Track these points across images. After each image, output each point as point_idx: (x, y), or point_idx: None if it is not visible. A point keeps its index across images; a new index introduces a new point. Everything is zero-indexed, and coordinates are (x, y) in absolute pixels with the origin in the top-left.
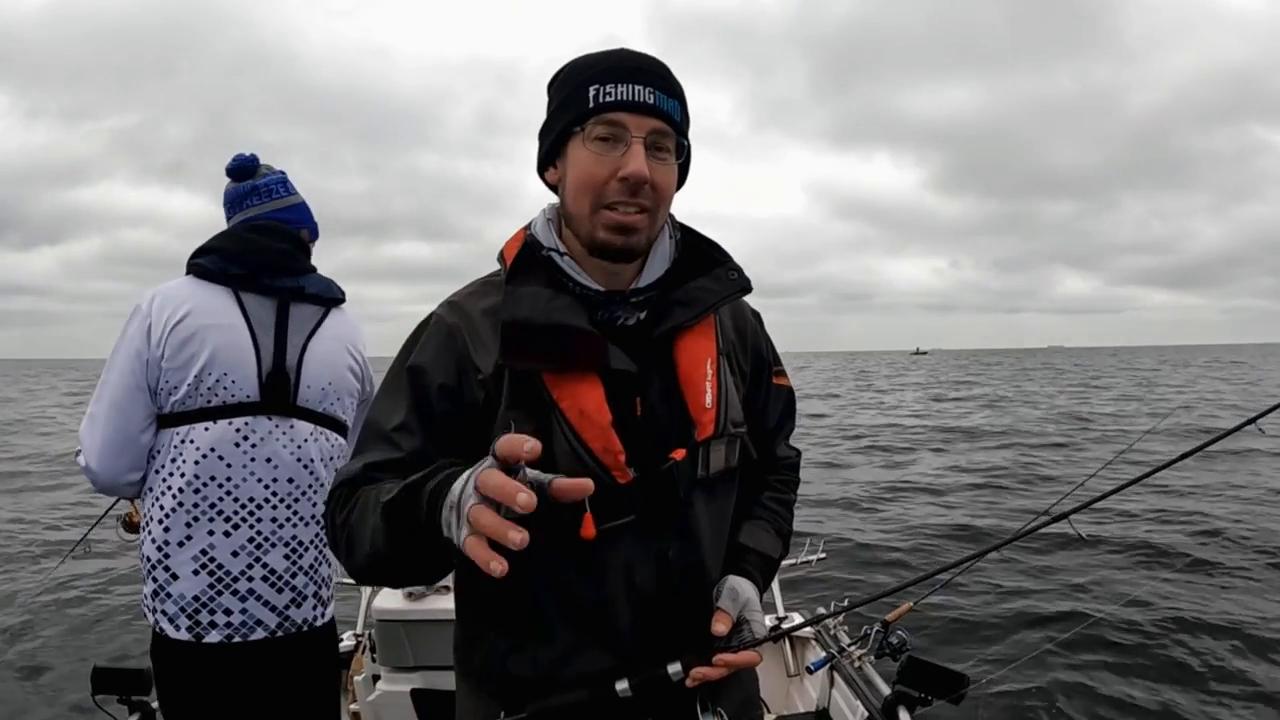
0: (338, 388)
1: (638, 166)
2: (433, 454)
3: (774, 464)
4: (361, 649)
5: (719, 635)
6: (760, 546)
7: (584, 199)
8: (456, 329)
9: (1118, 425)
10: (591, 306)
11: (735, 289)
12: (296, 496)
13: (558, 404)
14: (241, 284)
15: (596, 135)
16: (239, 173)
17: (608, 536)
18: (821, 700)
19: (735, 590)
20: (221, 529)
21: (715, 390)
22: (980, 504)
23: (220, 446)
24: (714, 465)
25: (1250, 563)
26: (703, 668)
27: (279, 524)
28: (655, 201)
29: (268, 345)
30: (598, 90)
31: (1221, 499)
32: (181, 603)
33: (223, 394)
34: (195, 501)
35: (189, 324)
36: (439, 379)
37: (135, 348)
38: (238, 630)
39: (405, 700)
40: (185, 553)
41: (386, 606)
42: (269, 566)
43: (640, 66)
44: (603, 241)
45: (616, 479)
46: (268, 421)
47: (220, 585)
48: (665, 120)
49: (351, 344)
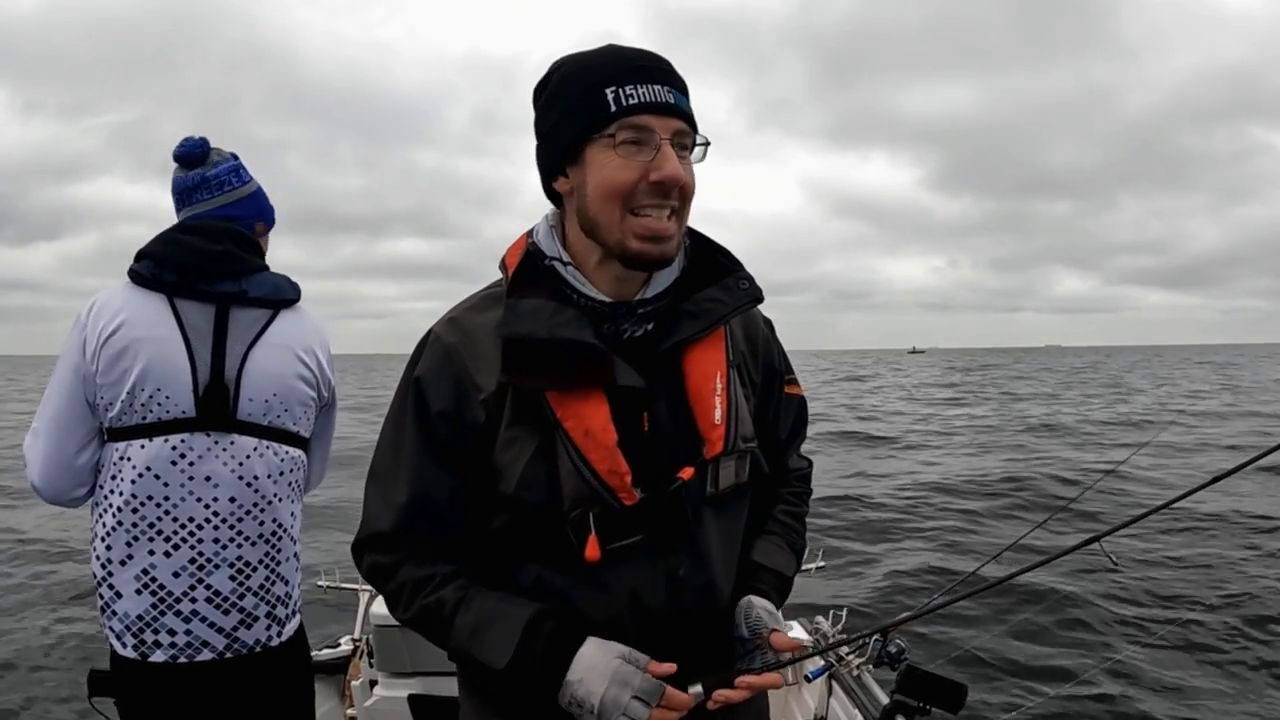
0: (285, 399)
1: (674, 169)
2: (453, 486)
3: (785, 475)
4: (359, 654)
5: (790, 647)
6: (775, 565)
7: (612, 205)
8: (454, 349)
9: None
10: (597, 319)
11: (746, 299)
12: (240, 516)
13: (561, 423)
14: (176, 290)
15: (624, 139)
16: (188, 160)
17: (615, 557)
18: (820, 709)
19: (771, 610)
20: (162, 549)
21: (725, 405)
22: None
23: (156, 465)
24: (723, 482)
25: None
26: (725, 690)
27: (221, 544)
28: (682, 203)
29: (204, 356)
30: (617, 93)
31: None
32: (126, 621)
33: (157, 410)
34: (134, 521)
35: (121, 336)
36: (437, 405)
37: (74, 361)
38: (183, 651)
39: (402, 706)
40: (127, 571)
41: (385, 612)
42: (213, 588)
43: (652, 65)
44: (637, 252)
45: (622, 501)
46: (205, 438)
47: (163, 605)
48: (685, 120)
49: (304, 348)
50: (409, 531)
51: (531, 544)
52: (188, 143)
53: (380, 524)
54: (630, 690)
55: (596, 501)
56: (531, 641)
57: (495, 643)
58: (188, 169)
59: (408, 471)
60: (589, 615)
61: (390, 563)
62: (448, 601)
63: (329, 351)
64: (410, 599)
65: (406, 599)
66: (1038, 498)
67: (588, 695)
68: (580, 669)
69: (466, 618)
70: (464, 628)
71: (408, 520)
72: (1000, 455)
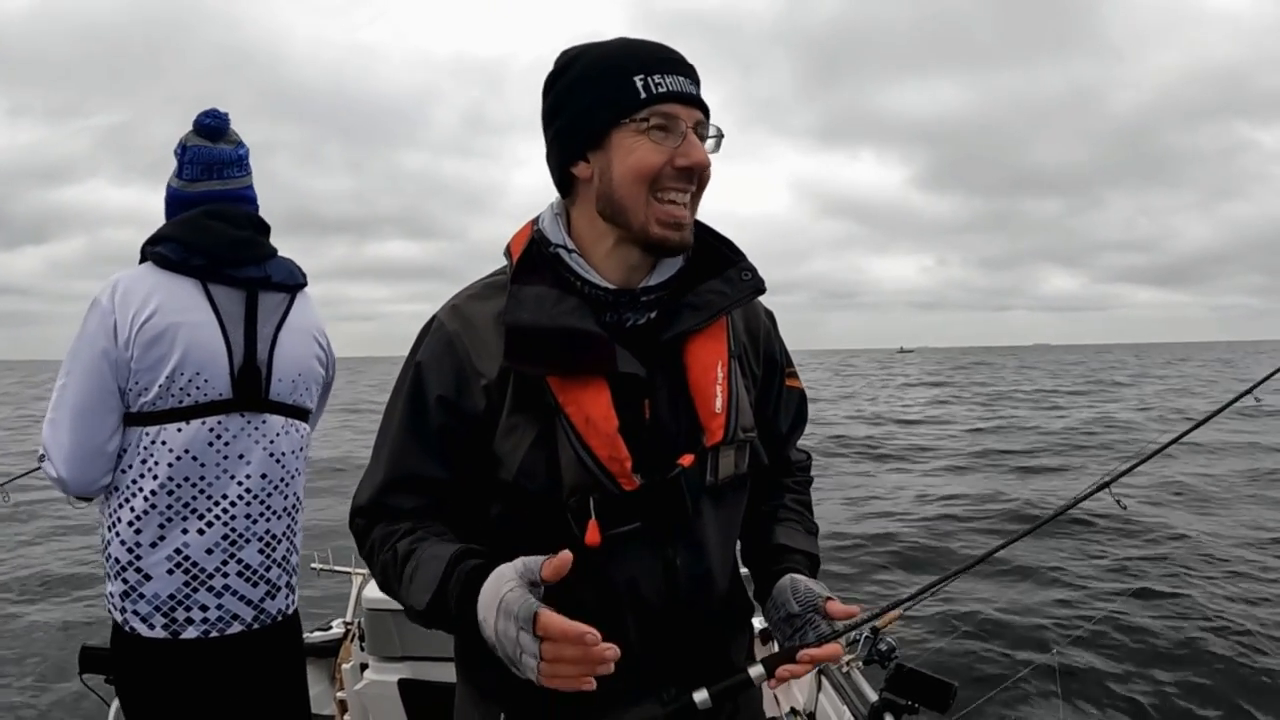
0: (306, 378)
1: (701, 154)
2: (437, 471)
3: (787, 467)
4: (350, 637)
5: (852, 615)
6: (803, 546)
7: (639, 187)
8: (457, 336)
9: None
10: (599, 307)
11: (748, 291)
12: (269, 491)
13: (563, 409)
14: (207, 275)
15: (655, 125)
16: (215, 132)
17: (613, 544)
18: (808, 705)
19: (813, 589)
20: (195, 528)
21: (725, 395)
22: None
23: (194, 447)
24: (723, 471)
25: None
26: (789, 665)
27: (253, 520)
28: (699, 190)
29: (238, 340)
30: (646, 80)
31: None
32: (156, 602)
33: (195, 394)
34: (169, 503)
35: (157, 321)
36: (436, 391)
37: (101, 347)
38: (214, 625)
39: (392, 690)
40: (158, 553)
41: (377, 596)
42: (244, 562)
43: (675, 57)
44: (659, 238)
45: (622, 486)
46: (240, 419)
47: (195, 583)
48: (704, 111)
49: (317, 330)
50: (380, 503)
51: (531, 531)
52: (215, 114)
53: (361, 498)
54: (516, 621)
55: (596, 487)
56: (448, 582)
57: (420, 584)
58: (213, 141)
59: (395, 451)
60: (586, 603)
61: (363, 527)
62: (399, 552)
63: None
64: (376, 558)
65: (374, 559)
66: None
67: (490, 635)
68: (483, 607)
69: (409, 566)
70: (407, 576)
71: (381, 494)
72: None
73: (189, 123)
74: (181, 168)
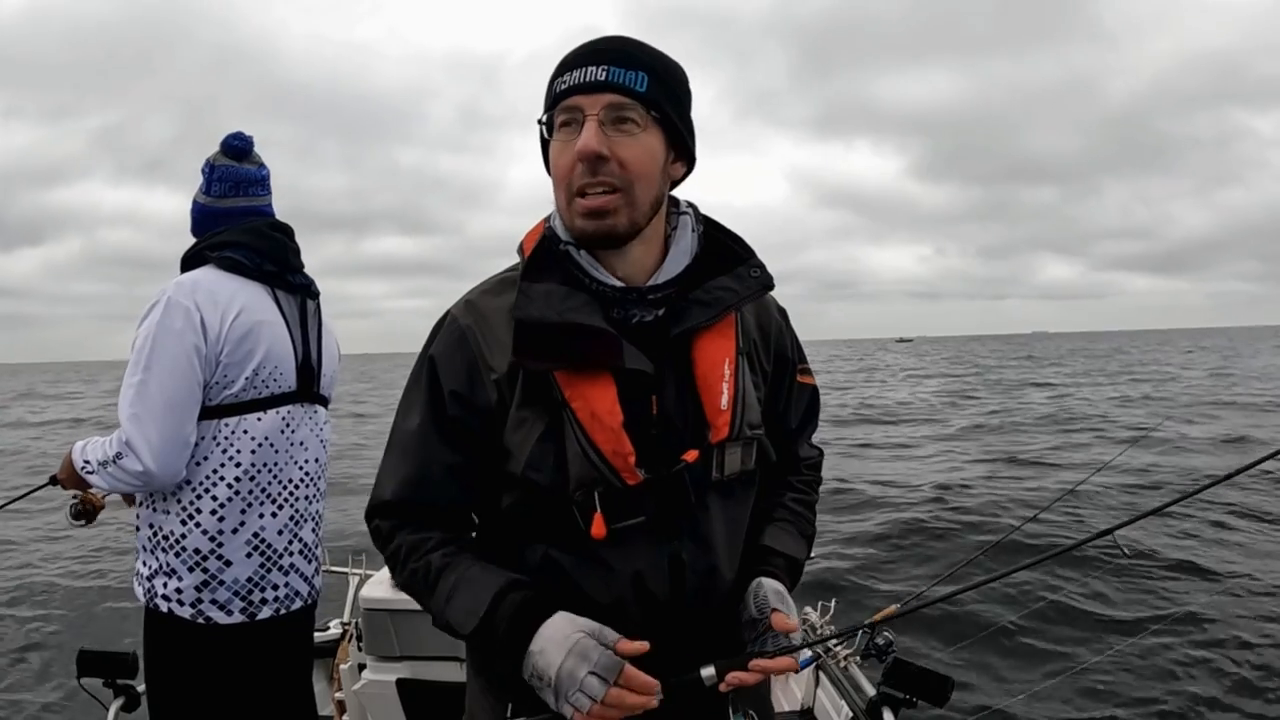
0: (335, 375)
1: (584, 141)
2: (458, 461)
3: (796, 464)
4: (348, 637)
5: (789, 629)
6: (786, 549)
7: (560, 191)
8: (469, 330)
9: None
10: (607, 304)
11: (757, 288)
12: (319, 474)
13: (569, 404)
14: (275, 281)
15: (560, 124)
16: (240, 153)
17: (619, 538)
18: (806, 700)
19: (780, 592)
20: (269, 510)
21: (732, 392)
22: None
23: (271, 435)
24: (729, 468)
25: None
26: (738, 672)
27: (309, 500)
28: (626, 179)
29: (298, 338)
30: (556, 82)
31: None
32: (235, 587)
33: (272, 385)
34: (250, 489)
35: (245, 319)
36: (450, 385)
37: (192, 342)
38: (283, 603)
39: (390, 690)
40: (239, 538)
41: (374, 595)
42: (303, 540)
43: (596, 48)
44: (579, 229)
45: (626, 480)
46: (301, 409)
47: (269, 564)
48: (622, 93)
49: (336, 334)
50: (409, 501)
51: (539, 524)
52: (241, 136)
53: (384, 493)
54: (588, 665)
55: (601, 481)
56: (498, 609)
57: (464, 607)
58: (238, 161)
59: (414, 445)
60: (593, 597)
61: (389, 528)
62: (433, 566)
63: None
64: (404, 563)
65: (400, 563)
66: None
67: (546, 667)
68: (542, 640)
69: (446, 582)
70: (442, 592)
71: (409, 491)
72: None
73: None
74: (209, 185)
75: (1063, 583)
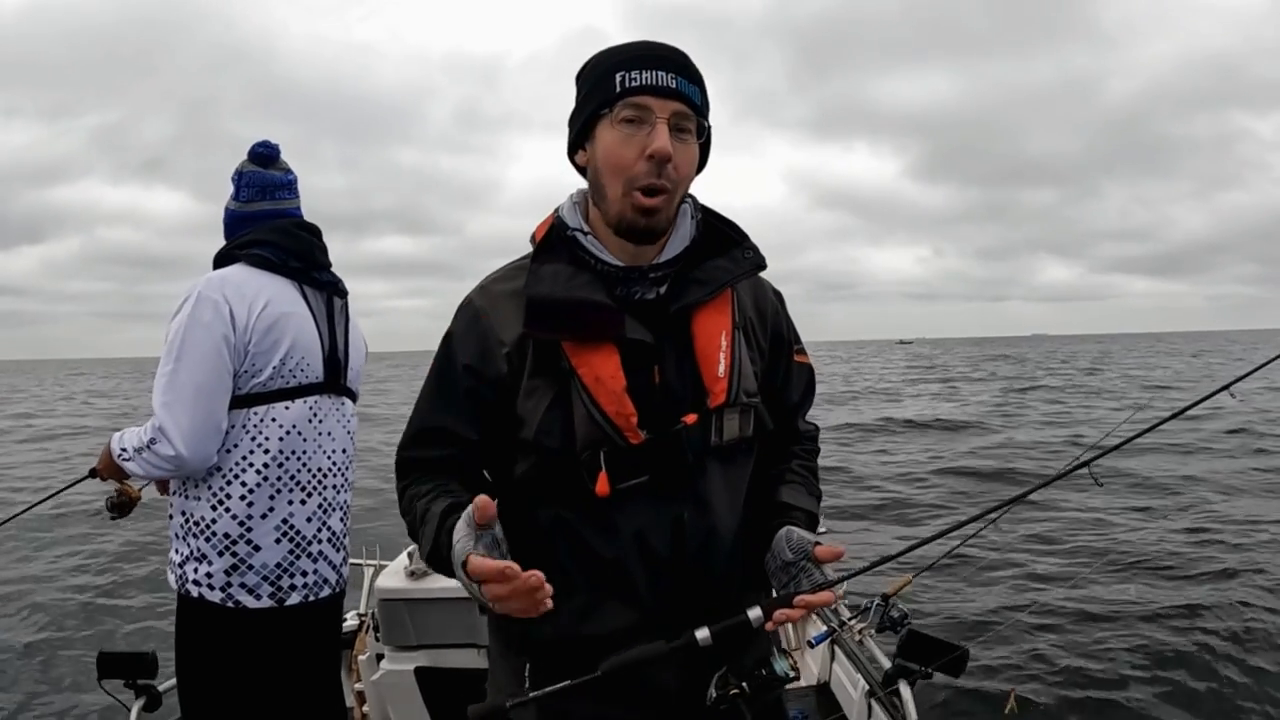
0: (360, 370)
1: (662, 143)
2: (461, 428)
3: (796, 437)
4: (365, 628)
5: (838, 555)
6: (804, 505)
7: (615, 179)
8: (483, 310)
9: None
10: (611, 282)
11: (750, 266)
12: (346, 465)
13: (575, 370)
14: (302, 277)
15: (624, 117)
16: (267, 159)
17: (622, 498)
18: (822, 674)
19: (805, 537)
20: (299, 498)
21: (728, 361)
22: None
23: (299, 423)
24: (727, 433)
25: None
26: (784, 609)
27: (338, 490)
28: (675, 182)
29: (325, 332)
30: (624, 76)
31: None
32: (264, 572)
33: (300, 376)
34: (279, 475)
35: (272, 311)
36: (464, 359)
37: (221, 333)
38: (312, 590)
39: (409, 679)
40: (268, 524)
41: (389, 585)
42: (331, 529)
43: (663, 54)
44: (629, 223)
45: (629, 440)
46: (329, 400)
47: (298, 550)
48: (686, 103)
49: (362, 332)
50: (411, 458)
51: (549, 486)
52: (268, 144)
53: (402, 450)
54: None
55: (605, 441)
56: (440, 533)
57: (425, 540)
58: (264, 167)
59: (423, 410)
60: (598, 553)
61: (402, 474)
62: (418, 512)
63: None
64: (405, 508)
65: (404, 507)
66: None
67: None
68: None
69: (424, 523)
70: (423, 534)
71: (411, 449)
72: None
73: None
74: (239, 190)
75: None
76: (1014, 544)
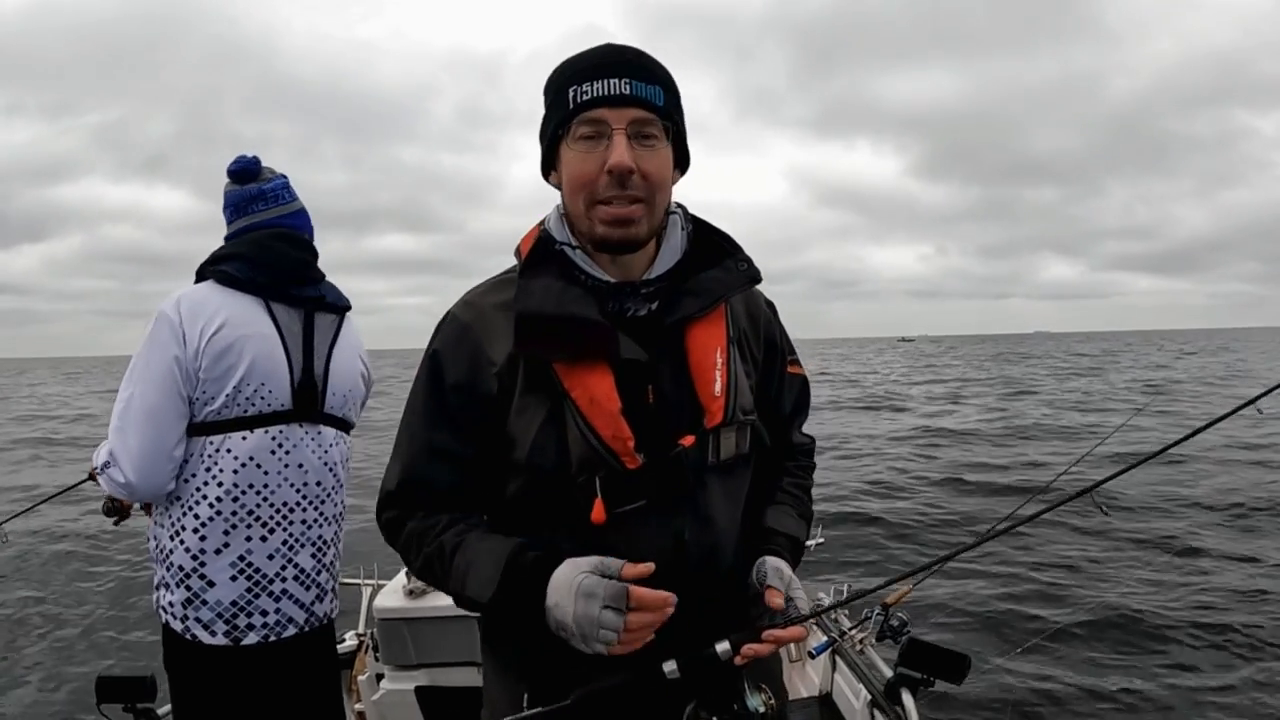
0: (353, 395)
1: (618, 157)
2: (458, 448)
3: (790, 450)
4: (364, 648)
5: (778, 609)
6: (787, 529)
7: (578, 198)
8: (469, 326)
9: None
10: (602, 298)
11: (744, 279)
12: (323, 499)
13: (569, 393)
14: (270, 293)
15: (580, 135)
16: (242, 175)
17: (622, 521)
18: (824, 685)
19: (779, 569)
20: (259, 534)
21: (725, 378)
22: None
23: (258, 455)
24: (724, 452)
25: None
26: (753, 644)
27: (308, 525)
28: (649, 190)
29: (297, 355)
30: (575, 91)
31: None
32: (219, 609)
33: (259, 404)
34: (234, 510)
35: (226, 334)
36: (452, 377)
37: (172, 354)
38: (273, 630)
39: (410, 698)
40: (223, 560)
41: (388, 605)
42: (299, 566)
43: (614, 60)
44: (602, 236)
45: (626, 464)
46: (299, 429)
47: (257, 589)
48: (645, 107)
49: (361, 351)
50: (415, 492)
51: (543, 510)
52: (242, 160)
53: (390, 484)
54: (598, 601)
55: (601, 465)
56: (513, 573)
57: (482, 577)
58: (241, 184)
59: (419, 437)
60: None
61: (397, 518)
62: (446, 546)
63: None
64: (417, 550)
65: (414, 550)
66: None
67: (564, 617)
68: (554, 593)
69: (461, 558)
70: (459, 568)
71: (414, 481)
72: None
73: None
74: (224, 213)
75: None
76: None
